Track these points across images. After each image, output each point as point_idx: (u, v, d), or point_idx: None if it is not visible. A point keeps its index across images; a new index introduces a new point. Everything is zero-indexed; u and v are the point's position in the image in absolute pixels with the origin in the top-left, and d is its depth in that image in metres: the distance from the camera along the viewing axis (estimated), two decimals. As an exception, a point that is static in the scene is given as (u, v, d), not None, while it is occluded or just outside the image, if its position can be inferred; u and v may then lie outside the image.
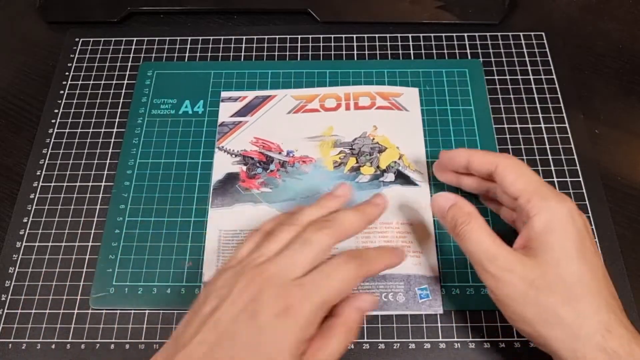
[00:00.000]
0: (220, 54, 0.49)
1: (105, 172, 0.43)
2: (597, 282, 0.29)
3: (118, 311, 0.38)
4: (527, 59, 0.48)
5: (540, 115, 0.45)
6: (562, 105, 0.45)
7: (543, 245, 0.29)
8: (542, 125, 0.44)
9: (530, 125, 0.44)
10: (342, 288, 0.29)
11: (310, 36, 0.50)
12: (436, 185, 0.41)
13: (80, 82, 0.48)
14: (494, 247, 0.30)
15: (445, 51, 0.49)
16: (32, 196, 0.42)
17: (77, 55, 0.49)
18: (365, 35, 0.50)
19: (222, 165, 0.43)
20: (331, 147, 0.43)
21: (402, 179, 0.41)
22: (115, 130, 0.45)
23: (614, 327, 0.28)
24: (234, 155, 0.43)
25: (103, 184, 0.43)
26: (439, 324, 0.37)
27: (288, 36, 0.50)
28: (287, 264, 0.29)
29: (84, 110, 0.46)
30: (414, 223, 0.39)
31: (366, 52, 0.49)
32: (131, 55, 0.49)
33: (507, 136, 0.44)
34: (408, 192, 0.40)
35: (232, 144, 0.44)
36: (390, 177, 0.41)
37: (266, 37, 0.50)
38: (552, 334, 0.28)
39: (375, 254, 0.32)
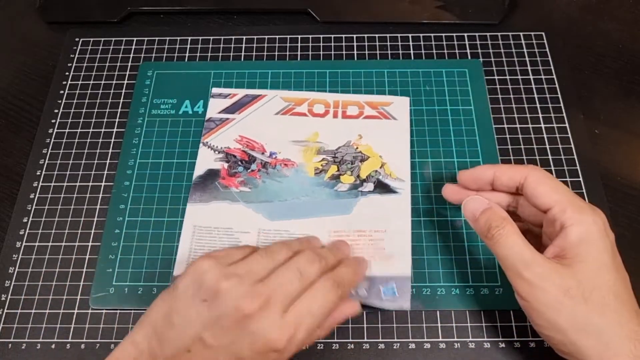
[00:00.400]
0: (220, 54, 0.49)
1: (105, 172, 0.43)
2: (628, 294, 0.30)
3: (118, 311, 0.38)
4: (527, 59, 0.48)
5: (540, 115, 0.45)
6: (562, 105, 0.45)
7: (578, 255, 0.30)
8: (542, 125, 0.44)
9: (530, 125, 0.44)
10: (328, 313, 0.32)
11: (310, 36, 0.50)
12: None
13: (80, 82, 0.48)
14: (529, 253, 0.30)
15: (445, 51, 0.49)
16: (32, 196, 0.42)
17: (77, 55, 0.49)
18: (365, 35, 0.50)
19: (205, 160, 0.43)
20: (314, 154, 0.43)
21: (382, 188, 0.41)
22: (115, 130, 0.45)
23: None
24: (217, 152, 0.43)
25: (103, 184, 0.43)
26: (439, 324, 0.37)
27: (288, 36, 0.50)
28: (284, 292, 0.30)
29: (84, 110, 0.46)
30: (389, 230, 0.39)
31: (366, 52, 0.49)
32: (131, 55, 0.49)
33: (507, 136, 0.44)
34: (386, 200, 0.41)
35: (216, 141, 0.44)
36: (369, 186, 0.41)
37: (266, 37, 0.50)
38: (585, 342, 0.29)
39: (350, 276, 0.34)
